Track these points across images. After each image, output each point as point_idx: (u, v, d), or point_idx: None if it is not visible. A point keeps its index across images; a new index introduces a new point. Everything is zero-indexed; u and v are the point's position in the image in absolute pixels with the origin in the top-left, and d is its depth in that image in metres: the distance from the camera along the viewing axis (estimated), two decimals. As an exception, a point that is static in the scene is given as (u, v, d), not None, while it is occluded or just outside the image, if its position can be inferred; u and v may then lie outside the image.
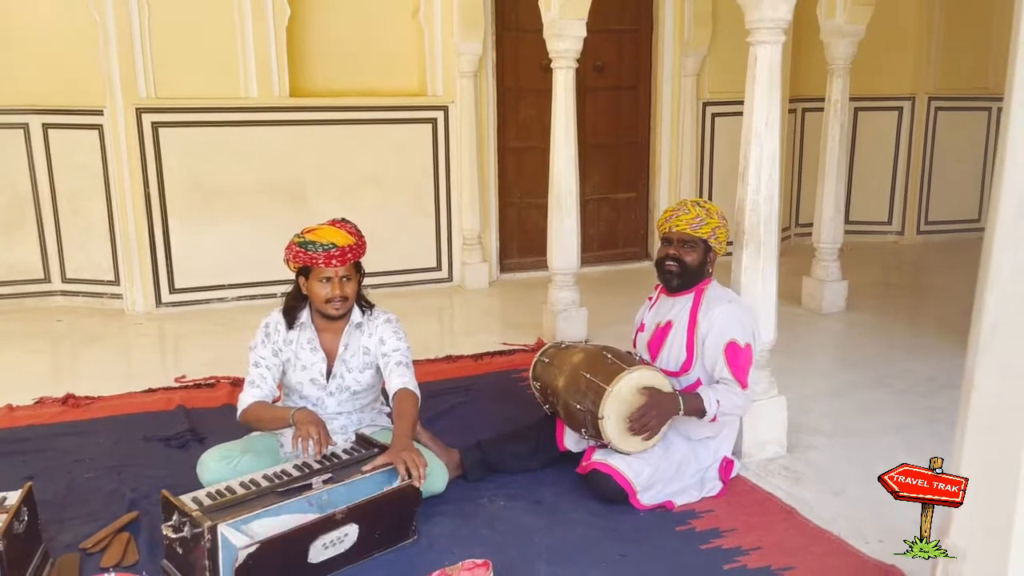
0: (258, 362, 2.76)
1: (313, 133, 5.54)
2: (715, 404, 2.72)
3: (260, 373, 2.75)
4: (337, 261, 2.66)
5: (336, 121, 5.59)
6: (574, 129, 4.40)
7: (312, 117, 5.53)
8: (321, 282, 2.69)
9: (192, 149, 5.26)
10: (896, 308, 5.32)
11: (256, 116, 5.36)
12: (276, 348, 2.78)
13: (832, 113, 4.99)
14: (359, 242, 2.73)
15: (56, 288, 5.44)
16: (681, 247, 2.88)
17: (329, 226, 2.72)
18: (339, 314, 2.74)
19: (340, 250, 2.66)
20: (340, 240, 2.68)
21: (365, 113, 5.66)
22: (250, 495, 2.39)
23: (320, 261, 2.64)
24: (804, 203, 7.10)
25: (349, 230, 2.73)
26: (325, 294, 2.68)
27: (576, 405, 2.80)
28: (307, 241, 2.67)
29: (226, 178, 5.36)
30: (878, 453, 3.13)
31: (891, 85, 7.07)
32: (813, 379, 4.04)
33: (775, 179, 3.01)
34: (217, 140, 5.31)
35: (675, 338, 2.90)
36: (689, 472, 2.85)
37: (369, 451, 2.65)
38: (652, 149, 6.58)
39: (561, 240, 4.48)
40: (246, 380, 2.77)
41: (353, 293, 2.75)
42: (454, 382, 4.01)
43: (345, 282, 2.70)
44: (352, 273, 2.73)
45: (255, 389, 2.73)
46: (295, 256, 2.68)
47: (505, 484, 2.94)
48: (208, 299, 5.42)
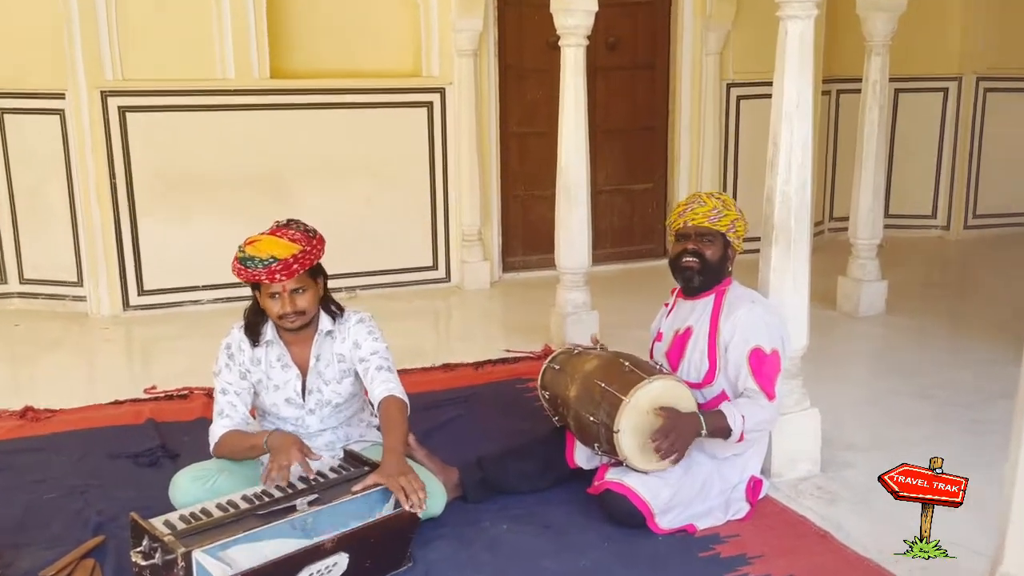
0: (225, 389, 2.76)
1: (296, 118, 5.54)
2: (740, 420, 2.71)
3: (229, 401, 2.74)
4: (282, 275, 2.59)
5: (321, 105, 5.59)
6: (584, 113, 4.40)
7: (295, 101, 5.53)
8: (271, 298, 2.65)
9: (163, 136, 5.26)
10: (941, 311, 5.31)
11: (233, 100, 5.36)
12: (243, 370, 2.77)
13: (870, 95, 4.99)
14: (307, 248, 2.64)
15: (13, 290, 5.45)
16: (699, 241, 2.88)
17: (269, 236, 2.64)
18: (296, 327, 2.72)
19: (283, 263, 2.58)
20: (281, 252, 2.59)
21: (353, 96, 5.67)
22: (228, 518, 2.38)
23: (262, 277, 2.60)
24: (839, 194, 7.08)
25: (292, 237, 2.64)
26: (276, 311, 2.66)
27: (589, 417, 2.80)
28: (246, 256, 2.61)
29: (201, 168, 5.36)
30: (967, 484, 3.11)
31: (935, 63, 7.05)
32: (849, 389, 4.04)
33: (807, 167, 3.01)
34: (191, 126, 5.31)
35: (696, 346, 2.90)
36: (713, 492, 2.85)
37: (359, 469, 2.65)
38: (670, 135, 6.57)
39: (570, 236, 4.48)
40: (214, 410, 2.77)
41: (310, 304, 2.70)
42: (452, 393, 4.00)
43: (297, 296, 2.65)
44: (306, 283, 2.67)
45: (224, 419, 2.73)
46: (238, 272, 2.64)
47: (509, 505, 2.93)
48: (181, 301, 5.42)
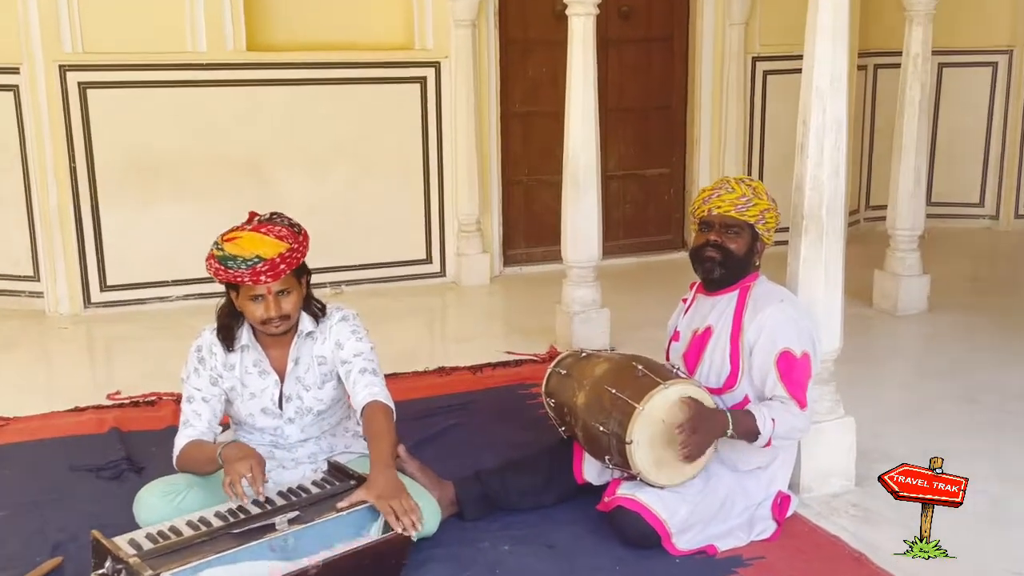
0: (191, 396, 2.76)
1: (275, 95, 5.53)
2: (770, 424, 2.72)
3: (194, 409, 2.74)
4: (268, 277, 2.58)
5: (303, 81, 5.58)
6: (594, 90, 4.39)
7: (274, 76, 5.52)
8: (252, 300, 2.64)
9: (128, 115, 5.25)
10: (989, 308, 5.30)
11: (206, 75, 5.35)
12: (215, 376, 2.77)
13: (911, 70, 4.98)
14: (295, 246, 2.63)
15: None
16: (724, 232, 2.88)
17: (252, 232, 2.61)
18: (281, 332, 2.72)
19: (269, 263, 2.57)
20: (267, 251, 2.57)
21: (338, 71, 5.66)
22: (199, 537, 2.38)
23: (246, 279, 2.58)
24: (876, 180, 7.08)
25: (279, 234, 2.62)
26: (259, 315, 2.64)
27: (599, 427, 2.80)
28: (226, 255, 2.58)
29: (169, 150, 5.35)
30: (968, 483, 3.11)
31: (984, 35, 7.04)
32: (887, 395, 4.04)
33: (841, 150, 3.00)
34: (158, 104, 5.30)
35: (716, 347, 2.90)
36: (736, 510, 2.84)
37: (344, 483, 2.65)
38: (689, 115, 6.57)
39: (578, 226, 4.48)
40: (180, 420, 2.77)
41: (295, 307, 2.69)
42: (448, 399, 4.00)
43: (282, 298, 2.64)
44: (292, 285, 2.66)
45: (189, 429, 2.73)
46: (215, 272, 2.62)
47: (510, 524, 2.93)
48: (148, 298, 5.41)
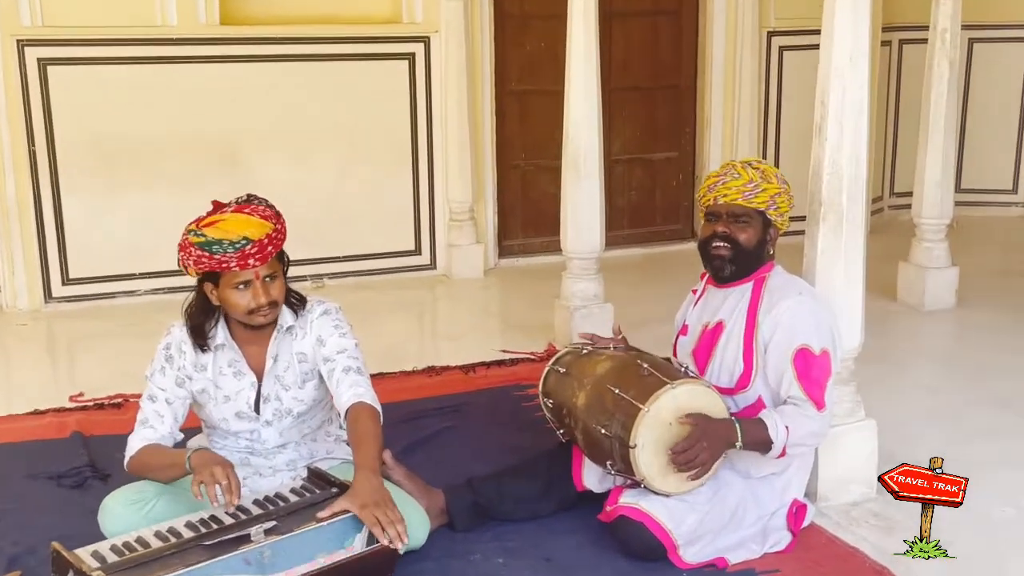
0: (154, 395, 2.76)
1: (251, 73, 5.54)
2: (783, 432, 2.72)
3: (156, 410, 2.74)
4: (256, 260, 2.59)
5: (281, 57, 5.59)
6: (596, 67, 4.40)
7: (250, 52, 5.53)
8: (238, 289, 2.64)
9: (92, 95, 5.25)
10: (1022, 304, 5.31)
11: (176, 51, 5.35)
12: (182, 376, 2.77)
13: (939, 46, 4.98)
14: (278, 226, 2.66)
15: (-87, 278, 5.46)
16: (732, 223, 2.89)
17: (235, 214, 2.63)
18: (268, 322, 2.73)
19: (257, 244, 2.58)
20: (254, 231, 2.59)
21: (320, 47, 5.66)
22: (168, 549, 2.38)
23: (233, 264, 2.58)
24: (901, 166, 7.09)
25: (263, 214, 2.64)
26: (246, 304, 2.65)
27: (600, 430, 2.81)
28: (210, 240, 2.59)
29: (137, 133, 5.35)
30: (997, 493, 3.14)
31: (1017, 8, 7.05)
32: (912, 397, 4.05)
33: (862, 132, 3.01)
34: (125, 83, 5.30)
35: (728, 343, 2.90)
36: (748, 520, 2.85)
37: (325, 491, 2.66)
38: (700, 94, 6.58)
39: (579, 214, 4.49)
40: (137, 418, 2.77)
41: (282, 294, 2.71)
42: (438, 401, 4.02)
43: (270, 283, 2.66)
44: (277, 268, 2.68)
45: (147, 430, 2.72)
46: (196, 261, 2.61)
47: (504, 535, 2.94)
48: (113, 293, 5.43)
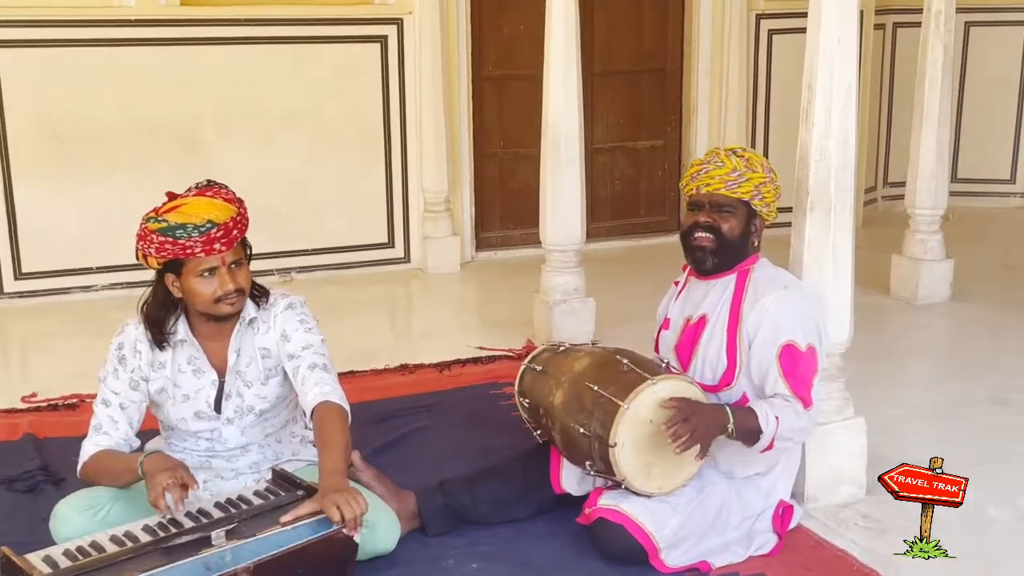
0: (108, 399, 2.76)
1: (213, 56, 5.52)
2: (773, 423, 2.73)
3: (110, 415, 2.75)
4: (222, 244, 2.61)
5: (246, 39, 5.57)
6: (576, 49, 4.40)
7: (212, 34, 5.51)
8: (203, 277, 2.64)
9: (45, 78, 5.23)
10: (1019, 298, 5.35)
11: (134, 33, 5.33)
12: (137, 378, 2.76)
13: (933, 29, 4.99)
14: (241, 210, 2.69)
15: None
16: (715, 212, 2.90)
17: (197, 197, 2.65)
18: (235, 311, 2.73)
19: (223, 228, 2.60)
20: (219, 214, 2.61)
21: (287, 28, 5.64)
22: (124, 554, 2.37)
23: (198, 249, 2.60)
24: (895, 154, 7.13)
25: (226, 197, 2.68)
26: (212, 292, 2.66)
27: (578, 429, 2.81)
28: (172, 225, 2.59)
29: (93, 118, 5.33)
30: (993, 494, 3.15)
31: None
32: (904, 394, 4.07)
33: (851, 117, 3.02)
34: (79, 66, 5.28)
35: (711, 339, 2.92)
36: (732, 522, 2.87)
37: (291, 494, 2.65)
38: (686, 79, 6.60)
39: (559, 205, 4.49)
40: (91, 423, 2.77)
41: (248, 281, 2.73)
42: (410, 400, 4.02)
43: (236, 270, 2.67)
44: (242, 255, 2.71)
45: (101, 436, 2.73)
46: (159, 248, 2.62)
47: (479, 540, 2.94)
48: (68, 288, 5.41)
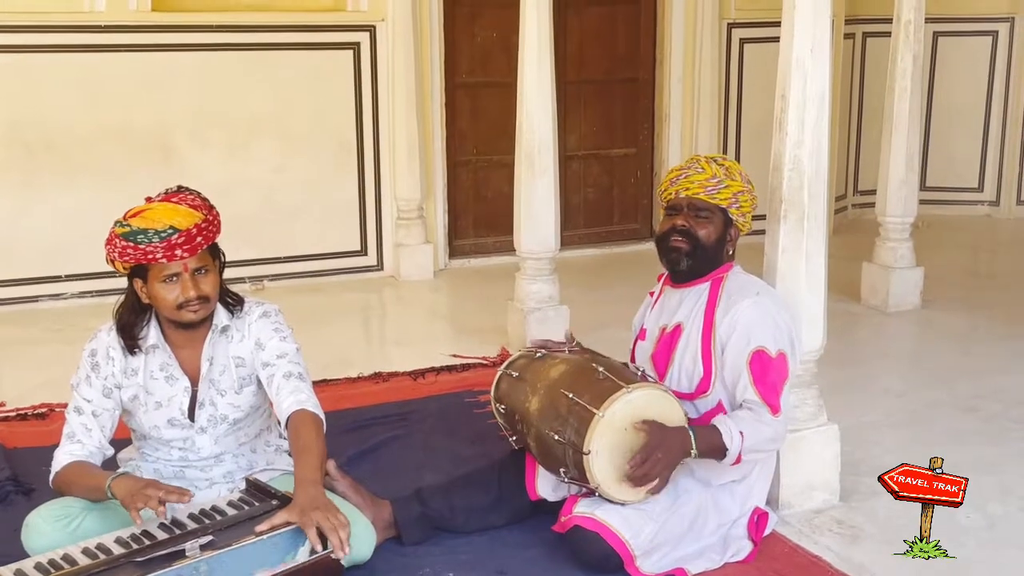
0: (81, 407, 2.74)
1: (185, 62, 5.50)
2: (738, 438, 2.74)
3: (83, 423, 2.73)
4: (184, 251, 2.60)
5: (217, 46, 5.55)
6: (550, 57, 4.42)
7: (183, 40, 5.49)
8: (165, 283, 2.64)
9: (13, 84, 5.20)
10: (988, 304, 5.41)
11: (105, 38, 5.31)
12: (110, 386, 2.75)
13: (903, 38, 5.05)
14: (209, 217, 2.68)
15: None
16: (692, 217, 2.92)
17: (162, 203, 2.65)
18: (200, 319, 2.72)
19: (185, 234, 2.60)
20: (182, 221, 2.60)
21: (258, 35, 5.63)
22: (97, 567, 2.36)
23: (159, 255, 2.59)
24: (865, 163, 7.19)
25: (192, 203, 2.67)
26: (174, 298, 2.65)
27: (554, 436, 2.82)
28: (135, 230, 2.60)
29: (63, 124, 5.31)
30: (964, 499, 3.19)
31: (983, 1, 7.17)
32: (876, 401, 4.11)
33: (823, 127, 3.05)
34: (49, 72, 5.25)
35: (687, 347, 2.93)
36: (708, 529, 2.88)
37: (265, 503, 2.64)
38: (658, 88, 6.63)
39: (533, 212, 4.50)
40: (64, 431, 2.75)
41: (214, 289, 2.71)
42: (385, 409, 4.02)
43: (200, 277, 2.66)
44: (208, 263, 2.69)
45: (74, 445, 2.72)
46: (122, 253, 2.62)
47: (455, 548, 2.94)
48: (37, 296, 5.38)
